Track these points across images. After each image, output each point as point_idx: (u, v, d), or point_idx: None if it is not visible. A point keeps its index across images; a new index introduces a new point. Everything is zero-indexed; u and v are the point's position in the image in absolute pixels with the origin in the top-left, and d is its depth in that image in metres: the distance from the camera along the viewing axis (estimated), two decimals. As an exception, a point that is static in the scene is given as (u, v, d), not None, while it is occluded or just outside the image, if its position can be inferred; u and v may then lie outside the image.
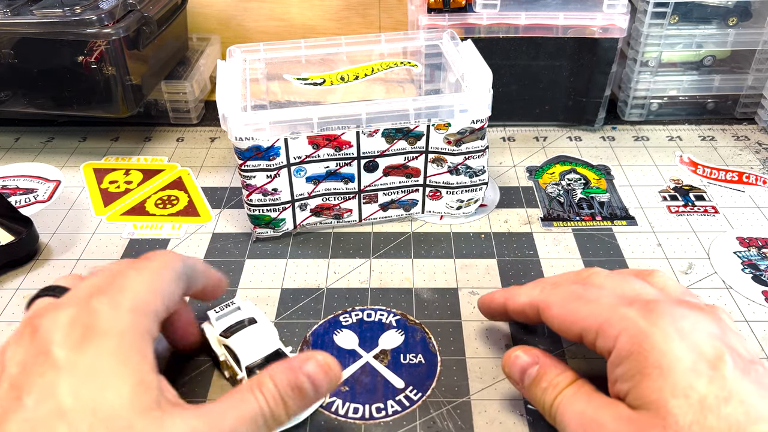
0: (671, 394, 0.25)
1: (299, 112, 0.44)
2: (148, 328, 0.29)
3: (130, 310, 0.28)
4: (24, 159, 0.61)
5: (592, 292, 0.32)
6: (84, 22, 0.52)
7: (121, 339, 0.27)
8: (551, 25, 0.57)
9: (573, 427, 0.29)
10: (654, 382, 0.26)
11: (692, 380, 0.25)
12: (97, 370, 0.26)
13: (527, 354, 0.33)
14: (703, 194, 0.54)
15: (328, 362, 0.31)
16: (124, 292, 0.29)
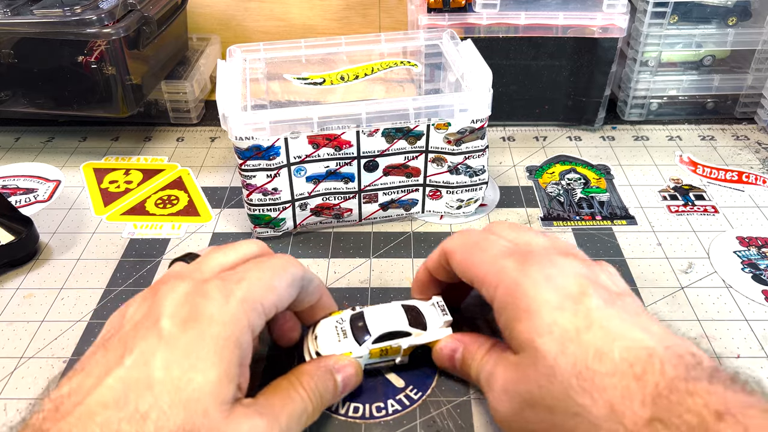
0: (537, 334, 0.27)
1: (299, 112, 0.44)
2: (252, 322, 0.29)
3: (240, 301, 0.29)
4: (24, 159, 0.61)
5: (488, 240, 0.34)
6: (84, 22, 0.52)
7: (223, 328, 0.28)
8: (551, 24, 0.57)
9: (491, 386, 0.31)
10: (524, 325, 0.28)
11: (556, 317, 0.27)
12: (192, 351, 0.27)
13: (450, 342, 0.36)
14: (703, 194, 0.54)
15: (353, 364, 0.35)
16: (240, 283, 0.30)
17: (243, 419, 0.27)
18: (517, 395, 0.28)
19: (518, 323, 0.29)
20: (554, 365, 0.26)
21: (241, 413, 0.27)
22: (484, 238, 0.34)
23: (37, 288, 0.46)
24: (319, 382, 0.32)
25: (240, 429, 0.27)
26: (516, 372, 0.29)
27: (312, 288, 0.35)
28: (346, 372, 0.34)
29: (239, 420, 0.27)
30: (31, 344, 0.41)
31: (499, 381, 0.30)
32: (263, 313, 0.30)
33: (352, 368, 0.35)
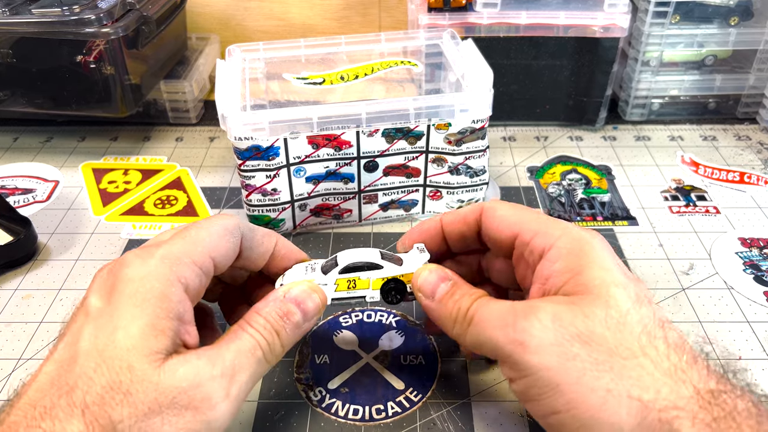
0: (613, 284, 0.28)
1: (299, 112, 0.43)
2: (180, 275, 0.29)
3: (159, 258, 0.29)
4: (23, 159, 0.61)
5: (538, 211, 0.34)
6: (83, 22, 0.52)
7: (141, 283, 0.28)
8: (552, 24, 0.56)
9: (493, 323, 0.29)
10: (597, 273, 0.28)
11: (626, 281, 0.29)
12: (114, 315, 0.27)
13: (440, 270, 0.34)
14: (705, 194, 0.54)
15: (311, 286, 0.33)
16: (160, 246, 0.30)
17: (178, 365, 0.27)
18: (572, 327, 0.27)
19: (590, 269, 0.29)
20: (626, 315, 0.27)
21: (176, 360, 0.27)
22: (533, 209, 0.34)
23: (36, 289, 0.45)
24: (269, 315, 0.31)
25: (175, 374, 0.26)
26: (574, 309, 0.27)
27: (259, 236, 0.34)
28: (297, 295, 0.32)
29: (174, 366, 0.27)
30: (29, 345, 0.41)
31: (548, 312, 0.27)
32: (193, 265, 0.30)
33: (304, 292, 0.32)
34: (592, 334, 0.26)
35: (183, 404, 0.26)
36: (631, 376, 0.25)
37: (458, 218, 0.35)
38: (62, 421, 0.25)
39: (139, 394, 0.26)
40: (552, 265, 0.30)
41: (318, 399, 0.37)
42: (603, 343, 0.26)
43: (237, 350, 0.29)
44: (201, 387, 0.27)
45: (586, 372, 0.26)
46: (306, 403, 0.37)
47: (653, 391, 0.25)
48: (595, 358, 0.26)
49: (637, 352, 0.26)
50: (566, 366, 0.26)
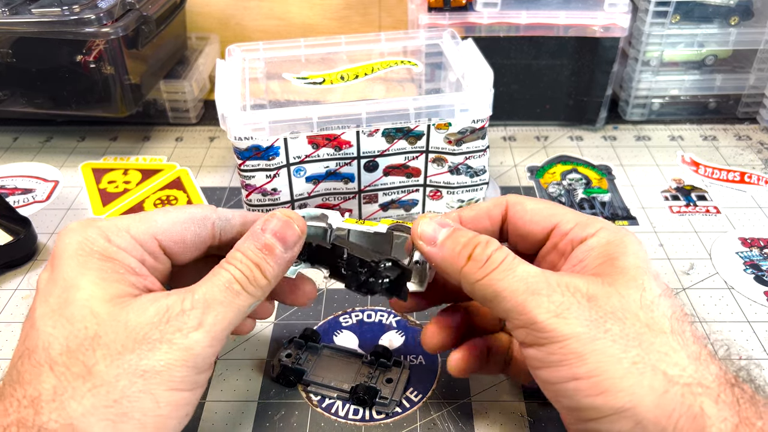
0: (646, 272, 0.29)
1: (299, 112, 0.43)
2: (116, 244, 0.29)
3: (96, 227, 0.29)
4: (22, 159, 0.61)
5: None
6: (82, 22, 0.52)
7: (79, 247, 0.28)
8: (552, 24, 0.56)
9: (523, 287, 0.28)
10: (633, 260, 0.29)
11: (657, 274, 0.29)
12: (60, 278, 0.27)
13: (439, 218, 0.32)
14: (705, 194, 0.54)
15: (288, 215, 0.32)
16: (104, 220, 0.30)
17: (147, 303, 0.27)
18: (607, 306, 0.27)
19: (625, 257, 0.29)
20: (659, 299, 0.28)
21: (144, 299, 0.27)
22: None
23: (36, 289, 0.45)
24: (246, 249, 0.30)
25: (144, 312, 0.26)
26: (609, 288, 0.28)
27: (237, 226, 0.33)
28: (274, 226, 0.31)
29: (142, 305, 0.27)
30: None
31: (583, 287, 0.27)
32: (132, 240, 0.30)
33: (281, 221, 0.31)
34: (626, 312, 0.27)
35: (156, 338, 0.26)
36: (659, 351, 0.26)
37: (481, 213, 0.34)
38: (31, 383, 0.25)
39: (108, 335, 0.26)
40: (590, 250, 0.30)
41: (318, 399, 0.37)
42: (636, 320, 0.27)
43: (210, 284, 0.28)
44: (171, 321, 0.27)
45: (616, 343, 0.26)
46: (306, 403, 0.37)
47: (679, 368, 0.25)
48: (626, 333, 0.26)
49: (667, 331, 0.27)
50: (596, 337, 0.26)
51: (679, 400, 0.25)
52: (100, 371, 0.25)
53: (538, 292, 0.27)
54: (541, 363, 0.27)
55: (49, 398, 0.25)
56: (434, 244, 0.31)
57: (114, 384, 0.25)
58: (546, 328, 0.27)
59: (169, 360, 0.26)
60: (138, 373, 0.25)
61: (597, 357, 0.26)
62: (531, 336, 0.27)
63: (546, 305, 0.27)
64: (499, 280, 0.28)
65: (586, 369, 0.26)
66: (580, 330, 0.26)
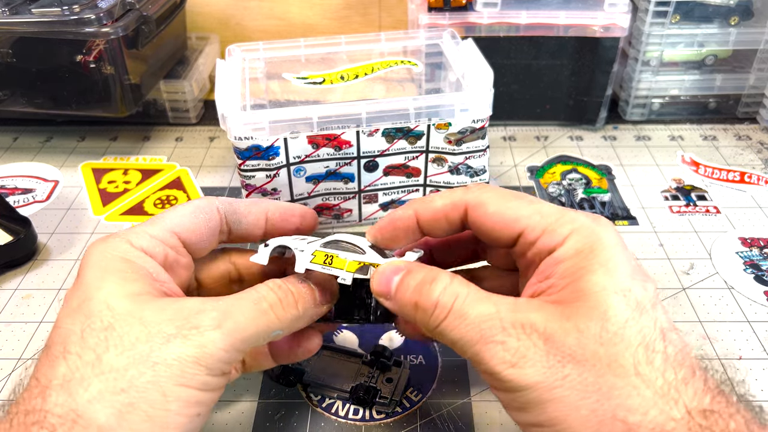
0: (613, 291, 0.26)
1: (299, 112, 0.43)
2: (137, 245, 0.30)
3: (116, 236, 0.30)
4: (22, 159, 0.61)
5: (529, 196, 0.31)
6: (82, 21, 0.52)
7: (102, 255, 0.29)
8: (552, 24, 0.56)
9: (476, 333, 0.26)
10: (599, 278, 0.26)
11: (631, 285, 0.27)
12: (83, 285, 0.28)
13: (392, 264, 0.30)
14: (705, 194, 0.54)
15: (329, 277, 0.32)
16: (123, 231, 0.31)
17: (165, 304, 0.27)
18: (564, 348, 0.25)
19: (591, 275, 0.27)
20: (624, 327, 0.25)
21: (163, 301, 0.27)
22: (523, 194, 0.31)
23: (36, 289, 0.45)
24: (287, 281, 0.31)
25: (163, 311, 0.27)
26: (567, 325, 0.26)
27: (242, 208, 0.35)
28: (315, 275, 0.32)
29: (160, 305, 0.27)
30: (29, 345, 0.41)
31: (539, 329, 0.26)
32: (152, 238, 0.30)
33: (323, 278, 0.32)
34: (585, 352, 0.25)
35: (171, 333, 0.26)
36: (620, 396, 0.24)
37: (437, 215, 0.31)
38: (45, 373, 0.25)
39: (123, 327, 0.26)
40: (556, 266, 0.28)
41: (318, 399, 0.37)
42: (596, 361, 0.25)
43: (237, 297, 0.29)
44: (189, 319, 0.27)
45: (574, 390, 0.25)
46: (306, 403, 0.37)
47: (640, 414, 0.24)
48: (585, 377, 0.25)
49: (630, 370, 0.25)
50: (554, 385, 0.25)
51: None
52: (110, 360, 0.25)
53: (492, 339, 0.26)
54: (507, 406, 0.27)
55: (57, 384, 0.25)
56: (389, 297, 0.30)
57: (122, 372, 0.25)
58: (504, 379, 0.26)
59: (181, 354, 0.26)
60: (148, 364, 0.25)
61: (555, 406, 0.25)
62: (494, 382, 0.27)
63: (501, 355, 0.26)
64: (452, 329, 0.27)
65: (546, 417, 0.25)
66: (538, 379, 0.25)
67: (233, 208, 0.34)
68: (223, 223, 0.34)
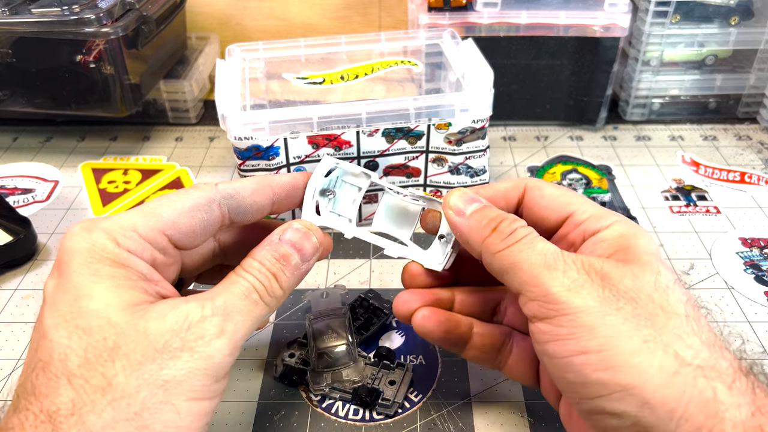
0: (659, 259, 0.29)
1: (299, 112, 0.43)
2: (125, 247, 0.28)
3: (102, 230, 0.28)
4: (22, 159, 0.61)
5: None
6: (82, 21, 0.52)
7: (88, 254, 0.27)
8: (552, 24, 0.56)
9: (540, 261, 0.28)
10: (646, 248, 0.29)
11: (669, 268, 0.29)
12: (70, 287, 0.26)
13: (471, 193, 0.33)
14: (705, 194, 0.54)
15: (307, 226, 0.32)
16: (107, 219, 0.29)
17: (165, 310, 0.26)
18: (620, 285, 0.27)
19: (638, 246, 0.29)
20: (673, 285, 0.27)
21: (162, 306, 0.26)
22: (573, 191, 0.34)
23: (36, 289, 0.45)
24: (264, 258, 0.30)
25: (164, 319, 0.26)
26: (624, 268, 0.27)
27: (248, 198, 0.32)
28: (292, 237, 0.31)
29: (160, 312, 0.26)
30: (29, 345, 0.41)
31: (598, 266, 0.28)
32: (140, 239, 0.28)
33: (299, 232, 0.31)
34: (640, 292, 0.26)
35: (177, 347, 0.25)
36: (672, 332, 0.25)
37: (498, 195, 0.34)
38: (48, 396, 0.24)
39: (128, 344, 0.25)
40: (601, 242, 0.30)
41: (318, 399, 0.37)
42: (650, 302, 0.26)
43: (230, 293, 0.28)
44: (192, 328, 0.26)
45: (627, 321, 0.25)
46: (306, 403, 0.37)
47: (692, 351, 0.25)
48: (638, 313, 0.26)
49: (681, 314, 0.26)
50: (608, 312, 0.26)
51: (690, 382, 0.24)
52: (120, 383, 0.24)
53: (555, 266, 0.27)
54: (549, 336, 0.27)
55: (67, 412, 0.24)
56: (463, 215, 0.32)
57: (134, 396, 0.24)
58: (558, 300, 0.26)
59: (190, 369, 0.25)
60: (159, 383, 0.25)
61: (607, 331, 0.25)
62: (542, 309, 0.27)
63: (561, 279, 0.27)
64: (519, 251, 0.29)
65: (596, 343, 0.25)
66: (592, 304, 0.26)
67: (236, 202, 0.32)
68: (225, 218, 0.32)
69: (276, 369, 0.38)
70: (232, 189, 0.32)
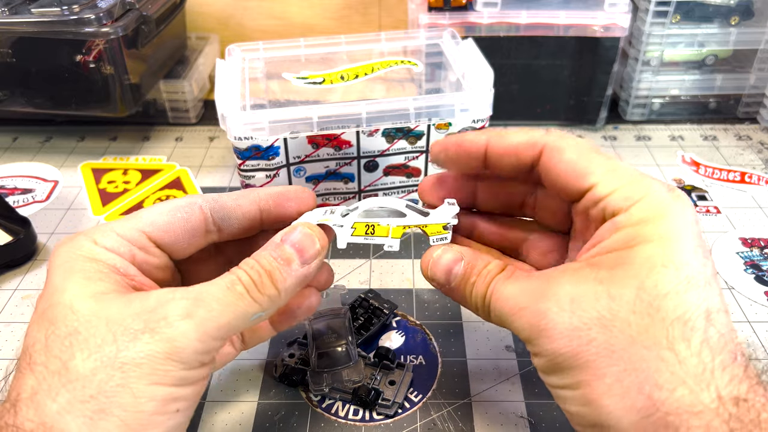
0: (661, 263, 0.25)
1: (299, 112, 0.43)
2: (102, 244, 0.28)
3: (81, 235, 0.29)
4: (22, 159, 0.61)
5: (608, 154, 0.30)
6: (82, 21, 0.52)
7: (67, 256, 0.28)
8: (552, 24, 0.56)
9: (510, 307, 0.28)
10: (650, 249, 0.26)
11: (688, 259, 0.25)
12: (49, 287, 0.27)
13: (450, 252, 0.31)
14: (705, 194, 0.54)
15: (310, 227, 0.30)
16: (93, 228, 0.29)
17: (135, 297, 0.26)
18: (592, 311, 0.25)
19: (646, 244, 0.26)
20: (662, 300, 0.24)
21: (135, 294, 0.26)
22: (603, 152, 0.30)
23: (35, 289, 0.45)
24: (260, 257, 0.29)
25: (129, 305, 0.25)
26: (599, 289, 0.25)
27: (230, 202, 0.32)
28: (294, 237, 0.30)
29: (130, 299, 0.26)
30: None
31: (567, 293, 0.26)
32: (118, 237, 0.29)
33: (303, 234, 0.30)
34: (615, 318, 0.25)
35: (138, 329, 0.25)
36: (648, 369, 0.24)
37: (509, 150, 0.30)
38: (16, 388, 0.25)
39: (89, 329, 0.25)
40: (615, 231, 0.27)
41: (318, 399, 0.37)
42: (625, 329, 0.24)
43: (210, 283, 0.27)
44: (156, 310, 0.25)
45: (600, 357, 0.24)
46: (306, 403, 0.37)
47: (667, 390, 0.23)
48: (612, 344, 0.24)
49: (661, 342, 0.24)
50: (580, 351, 0.25)
51: (661, 424, 0.23)
52: (76, 366, 0.24)
53: (523, 309, 0.27)
54: (543, 370, 0.28)
55: (26, 397, 0.24)
56: (449, 285, 0.31)
57: (90, 378, 0.24)
58: (535, 345, 0.27)
59: (150, 351, 0.24)
60: (116, 365, 0.24)
61: (583, 372, 0.25)
62: (532, 348, 0.28)
63: (527, 320, 0.27)
64: (498, 315, 0.29)
65: (575, 381, 0.25)
66: (563, 343, 0.25)
67: (219, 204, 0.32)
68: (209, 222, 0.31)
69: (276, 369, 0.38)
70: (216, 195, 0.32)
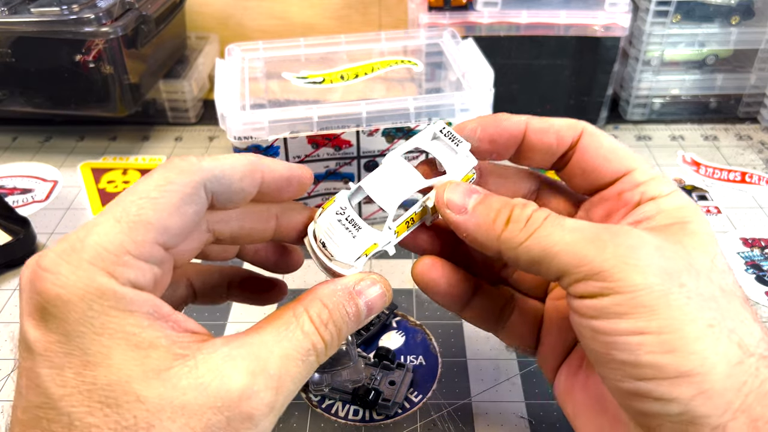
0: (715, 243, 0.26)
1: (299, 111, 0.43)
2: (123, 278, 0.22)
3: (89, 263, 0.22)
4: (21, 159, 0.61)
5: None
6: (82, 21, 0.52)
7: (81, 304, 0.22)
8: (553, 23, 0.56)
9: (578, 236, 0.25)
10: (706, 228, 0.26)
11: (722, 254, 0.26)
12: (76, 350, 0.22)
13: (465, 184, 0.29)
14: (706, 194, 0.54)
15: (385, 285, 0.28)
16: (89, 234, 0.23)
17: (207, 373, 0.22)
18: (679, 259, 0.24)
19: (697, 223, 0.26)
20: (726, 271, 0.25)
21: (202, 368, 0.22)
22: None
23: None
24: (335, 310, 0.25)
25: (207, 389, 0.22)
26: (678, 247, 0.25)
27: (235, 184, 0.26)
28: (371, 294, 0.27)
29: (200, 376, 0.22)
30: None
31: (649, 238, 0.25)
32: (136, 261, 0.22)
33: (378, 288, 0.27)
34: (700, 271, 0.24)
35: (220, 426, 0.22)
36: (736, 317, 0.23)
37: (551, 129, 0.30)
38: None
39: (163, 423, 0.21)
40: (659, 210, 0.26)
41: (318, 399, 0.37)
42: (709, 282, 0.24)
43: (286, 356, 0.23)
44: (242, 404, 0.22)
45: (691, 301, 0.23)
46: (306, 403, 0.37)
47: (756, 338, 0.23)
48: (701, 292, 0.23)
49: (742, 299, 0.24)
50: (671, 291, 0.23)
51: (752, 372, 0.22)
52: None
53: (599, 238, 0.24)
54: (599, 313, 0.24)
55: None
56: (465, 211, 0.28)
57: None
58: (613, 277, 0.23)
59: None
60: None
61: (671, 313, 0.23)
62: (591, 288, 0.24)
63: (612, 250, 0.24)
64: (547, 235, 0.25)
65: (657, 324, 0.23)
66: (653, 280, 0.23)
67: (223, 186, 0.25)
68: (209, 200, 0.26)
69: None
70: (219, 170, 0.25)
